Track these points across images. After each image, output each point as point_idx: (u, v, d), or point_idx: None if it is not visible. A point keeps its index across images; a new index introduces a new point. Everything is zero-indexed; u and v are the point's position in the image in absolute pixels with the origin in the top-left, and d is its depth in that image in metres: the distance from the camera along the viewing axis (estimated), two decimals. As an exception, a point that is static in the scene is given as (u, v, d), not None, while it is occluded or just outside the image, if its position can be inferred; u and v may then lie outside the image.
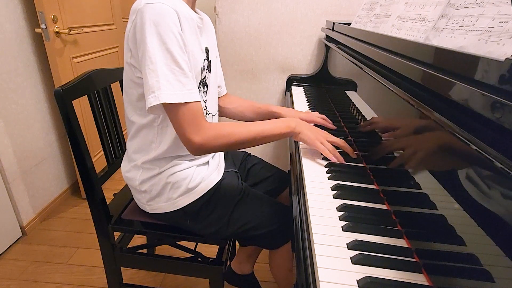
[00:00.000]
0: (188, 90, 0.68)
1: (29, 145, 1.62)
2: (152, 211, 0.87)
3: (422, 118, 0.53)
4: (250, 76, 1.69)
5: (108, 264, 0.97)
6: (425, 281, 0.46)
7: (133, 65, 0.73)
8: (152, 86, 0.66)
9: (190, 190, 0.83)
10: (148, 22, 0.65)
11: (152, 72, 0.66)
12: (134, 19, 0.68)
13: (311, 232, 0.55)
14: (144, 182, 0.84)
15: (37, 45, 1.63)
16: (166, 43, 0.66)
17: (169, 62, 0.66)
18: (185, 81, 0.68)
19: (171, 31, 0.66)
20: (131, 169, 0.86)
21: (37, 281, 1.35)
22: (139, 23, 0.66)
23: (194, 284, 1.36)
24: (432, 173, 0.49)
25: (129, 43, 0.71)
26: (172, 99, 0.66)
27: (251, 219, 0.85)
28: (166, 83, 0.66)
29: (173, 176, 0.82)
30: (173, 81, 0.67)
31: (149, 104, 0.67)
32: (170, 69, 0.66)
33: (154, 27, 0.65)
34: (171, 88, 0.66)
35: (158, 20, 0.65)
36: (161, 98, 0.66)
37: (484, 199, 0.36)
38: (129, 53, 0.73)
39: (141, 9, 0.66)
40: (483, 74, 0.38)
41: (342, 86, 1.19)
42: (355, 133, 0.92)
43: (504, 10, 0.45)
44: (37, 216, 1.69)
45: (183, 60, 0.68)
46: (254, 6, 1.55)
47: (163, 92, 0.65)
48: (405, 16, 0.79)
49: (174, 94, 0.66)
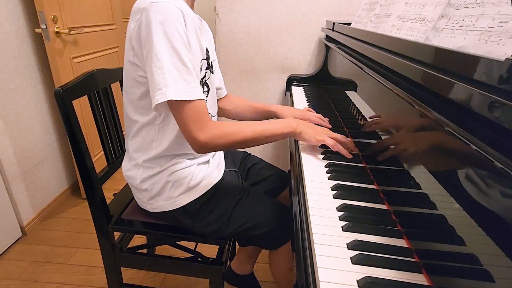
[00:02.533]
0: (192, 88, 0.69)
1: (29, 145, 1.62)
2: (152, 210, 0.87)
3: (422, 118, 0.53)
4: (250, 76, 1.69)
5: (108, 264, 0.97)
6: (425, 281, 0.46)
7: (136, 64, 0.73)
8: (158, 83, 0.67)
9: (190, 188, 0.83)
10: (154, 20, 0.65)
11: (158, 70, 0.66)
12: (139, 18, 0.68)
13: (311, 232, 0.55)
14: (145, 180, 0.84)
15: (37, 45, 1.63)
16: (172, 41, 0.66)
17: (174, 60, 0.67)
18: (189, 79, 0.69)
19: (177, 30, 0.67)
20: (131, 168, 0.86)
21: (37, 281, 1.35)
22: (144, 22, 0.67)
23: (194, 284, 1.36)
24: (432, 173, 0.49)
25: (133, 42, 0.71)
26: (178, 96, 0.66)
27: (251, 219, 0.85)
28: (172, 81, 0.66)
29: (173, 175, 0.82)
30: (178, 78, 0.67)
31: (156, 102, 0.67)
32: (175, 67, 0.67)
33: (160, 25, 0.66)
34: (176, 86, 0.67)
35: (164, 18, 0.66)
36: (168, 95, 0.66)
37: (484, 199, 0.36)
38: (131, 52, 0.73)
39: (147, 8, 0.66)
40: (483, 74, 0.38)
41: (342, 86, 1.19)
42: (355, 133, 0.92)
43: (504, 10, 0.45)
44: (37, 216, 1.69)
45: (188, 58, 0.69)
46: (254, 6, 1.55)
47: (169, 89, 0.66)
48: (405, 16, 0.79)
49: (179, 91, 0.67)
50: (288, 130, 0.81)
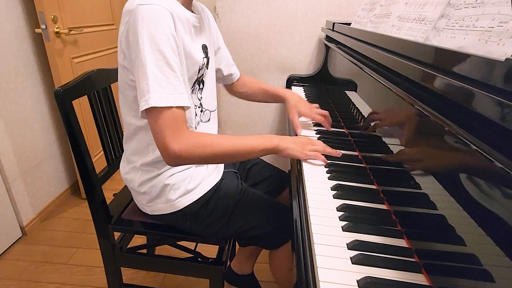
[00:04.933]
0: (180, 94, 0.66)
1: (29, 145, 1.62)
2: (152, 212, 0.87)
3: (422, 118, 0.53)
4: (250, 76, 1.68)
5: (108, 264, 0.97)
6: (425, 281, 0.46)
7: (126, 68, 0.72)
8: (142, 90, 0.64)
9: (189, 191, 0.83)
10: (140, 23, 0.63)
11: (143, 75, 0.64)
12: (127, 21, 0.67)
13: (311, 232, 0.55)
14: (143, 183, 0.83)
15: (37, 45, 1.63)
16: (158, 44, 0.64)
17: (160, 63, 0.64)
18: (177, 84, 0.66)
19: (164, 33, 0.65)
20: (130, 171, 0.86)
21: (37, 281, 1.35)
22: (132, 25, 0.65)
23: (194, 284, 1.36)
24: (432, 173, 0.49)
25: (122, 45, 0.70)
26: (161, 103, 0.63)
27: (251, 219, 0.85)
28: (156, 86, 0.64)
29: (172, 178, 0.82)
30: (164, 83, 0.64)
31: (140, 109, 0.65)
32: (161, 71, 0.64)
33: (146, 28, 0.63)
34: (162, 91, 0.64)
35: (151, 21, 0.64)
36: (150, 102, 0.63)
37: (484, 199, 0.36)
38: (122, 55, 0.72)
39: (134, 10, 0.64)
40: (483, 74, 0.38)
41: (342, 86, 1.19)
42: (355, 133, 0.92)
43: (504, 10, 0.45)
44: (37, 216, 1.69)
45: (175, 62, 0.66)
46: (254, 6, 1.55)
47: (152, 96, 0.63)
48: (405, 16, 0.79)
49: (165, 97, 0.64)
50: (270, 147, 0.75)
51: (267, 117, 1.79)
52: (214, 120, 0.94)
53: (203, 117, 0.89)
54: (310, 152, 0.78)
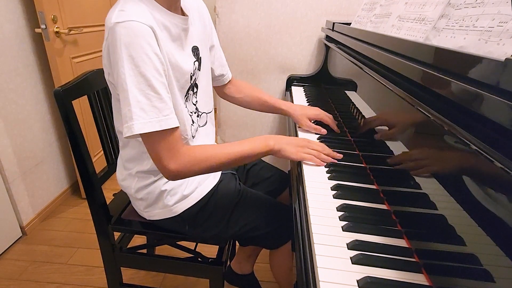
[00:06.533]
0: (164, 116, 0.64)
1: (29, 145, 1.62)
2: (150, 217, 0.87)
3: (422, 118, 0.53)
4: (250, 76, 1.69)
5: (108, 264, 0.97)
6: (425, 281, 0.46)
7: (112, 83, 0.71)
8: (125, 116, 0.63)
9: (186, 196, 0.83)
10: (119, 44, 0.60)
11: (124, 100, 0.62)
12: (107, 38, 0.64)
13: (311, 232, 0.55)
14: (140, 190, 0.83)
15: (37, 45, 1.63)
16: (139, 66, 0.61)
17: (143, 87, 0.62)
18: (161, 106, 0.63)
19: (145, 53, 0.61)
20: (126, 177, 0.85)
21: (37, 281, 1.35)
22: (111, 44, 0.62)
23: (194, 284, 1.36)
24: (432, 173, 0.49)
25: (105, 61, 0.68)
26: (146, 129, 0.62)
27: (250, 221, 0.84)
28: (139, 111, 0.62)
29: (168, 183, 0.81)
30: (147, 107, 0.62)
31: (124, 135, 0.64)
32: (144, 95, 0.62)
33: (125, 50, 0.60)
34: (145, 116, 0.62)
35: (129, 42, 0.60)
36: (133, 129, 0.62)
37: (484, 199, 0.36)
38: (106, 70, 0.70)
39: (112, 28, 0.61)
40: (483, 74, 0.38)
41: (342, 86, 1.19)
42: (355, 133, 0.92)
43: (504, 10, 0.45)
44: (37, 216, 1.69)
45: (159, 83, 0.63)
46: (254, 6, 1.55)
47: (135, 123, 0.62)
48: (405, 16, 0.79)
49: (149, 122, 0.62)
50: (265, 149, 0.75)
51: (267, 117, 1.79)
52: (211, 122, 0.93)
53: (200, 121, 0.88)
54: (305, 154, 0.77)
